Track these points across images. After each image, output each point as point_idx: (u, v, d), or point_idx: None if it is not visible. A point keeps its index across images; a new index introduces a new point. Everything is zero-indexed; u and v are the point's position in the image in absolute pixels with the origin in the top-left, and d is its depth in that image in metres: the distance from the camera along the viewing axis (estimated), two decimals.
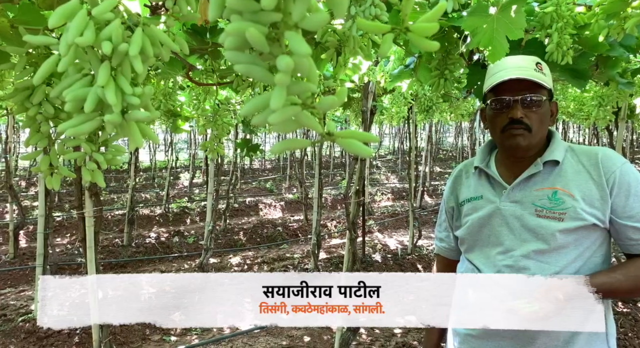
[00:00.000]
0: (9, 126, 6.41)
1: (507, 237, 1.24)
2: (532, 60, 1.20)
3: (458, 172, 1.44)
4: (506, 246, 1.24)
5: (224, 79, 1.77)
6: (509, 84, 1.19)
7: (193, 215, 8.22)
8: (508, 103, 1.20)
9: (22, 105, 0.84)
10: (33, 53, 0.85)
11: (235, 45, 0.42)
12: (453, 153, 18.43)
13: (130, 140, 0.58)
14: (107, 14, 0.52)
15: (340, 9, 0.39)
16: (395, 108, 3.65)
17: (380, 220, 8.18)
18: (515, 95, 1.20)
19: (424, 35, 0.43)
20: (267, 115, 0.42)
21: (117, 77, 0.54)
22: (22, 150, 14.24)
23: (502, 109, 1.22)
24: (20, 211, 5.50)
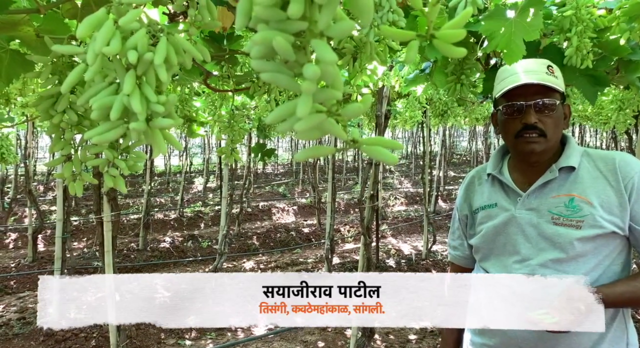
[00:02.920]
0: (28, 132, 6.53)
1: (523, 246, 1.22)
2: (543, 64, 1.18)
3: (470, 179, 1.42)
4: (523, 255, 1.22)
5: (240, 85, 1.79)
6: (521, 89, 1.17)
7: (207, 219, 8.28)
8: (521, 108, 1.18)
9: (46, 113, 0.86)
10: (57, 62, 0.86)
11: (261, 54, 0.43)
12: (467, 157, 18.28)
13: (154, 147, 0.58)
14: (132, 24, 0.53)
15: (366, 17, 0.40)
16: (409, 112, 3.64)
17: (393, 225, 8.14)
18: (528, 100, 1.17)
19: (450, 41, 0.43)
20: (293, 123, 0.43)
21: (142, 85, 0.55)
22: (40, 156, 14.52)
23: (514, 114, 1.19)
24: (38, 215, 5.60)
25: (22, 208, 8.10)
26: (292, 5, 0.39)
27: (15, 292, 4.73)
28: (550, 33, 1.26)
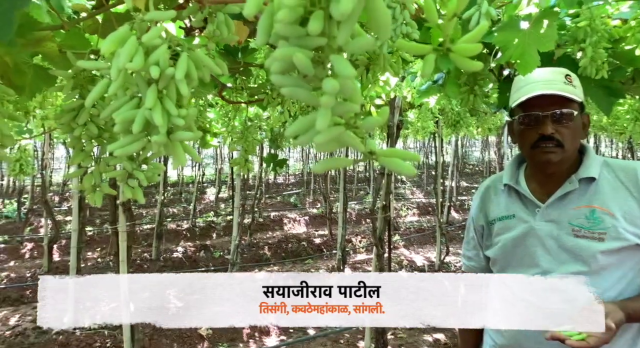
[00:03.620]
0: (45, 143, 6.66)
1: (543, 258, 1.20)
2: (561, 73, 1.17)
3: (485, 188, 1.40)
4: (543, 267, 1.20)
5: (254, 97, 1.81)
6: (538, 99, 1.15)
7: (219, 229, 8.32)
8: (537, 118, 1.17)
9: (68, 126, 0.88)
10: (78, 76, 0.89)
11: (281, 69, 0.44)
12: (479, 167, 18.14)
13: (174, 159, 0.59)
14: (155, 40, 0.54)
15: (384, 32, 0.40)
16: (421, 122, 3.64)
17: (406, 236, 8.08)
18: (545, 110, 1.16)
19: (467, 55, 0.43)
20: (312, 136, 0.43)
21: (163, 99, 0.57)
22: (55, 166, 14.76)
23: (531, 124, 1.18)
24: (54, 225, 5.68)
25: (38, 219, 8.23)
26: (312, 22, 0.40)
27: (30, 301, 4.79)
28: (564, 44, 1.25)
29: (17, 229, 7.82)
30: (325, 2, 0.41)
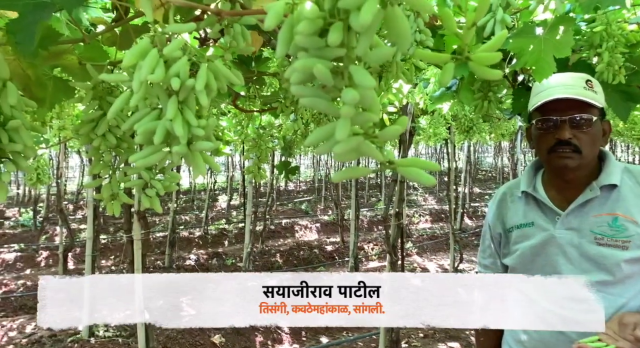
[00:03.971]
0: (60, 152, 6.76)
1: (565, 267, 1.18)
2: (582, 78, 1.15)
3: (502, 195, 1.37)
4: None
5: (267, 105, 1.82)
6: (556, 103, 1.14)
7: (230, 237, 8.35)
8: (555, 123, 1.15)
9: (87, 136, 0.89)
10: (97, 87, 0.90)
11: (301, 80, 0.44)
12: (492, 173, 17.97)
13: (194, 169, 0.60)
14: (175, 52, 0.55)
15: (404, 43, 0.41)
16: (433, 129, 3.63)
17: (418, 243, 8.03)
18: (563, 115, 1.14)
19: (486, 64, 0.43)
20: (331, 145, 0.44)
21: (183, 110, 0.58)
22: (70, 175, 14.97)
23: (549, 129, 1.16)
24: (69, 234, 5.75)
25: (53, 227, 8.33)
26: (331, 34, 0.40)
27: None
28: (580, 49, 1.25)
29: (32, 237, 7.93)
30: (345, 14, 0.42)
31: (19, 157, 0.70)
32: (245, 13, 0.63)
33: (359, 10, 0.39)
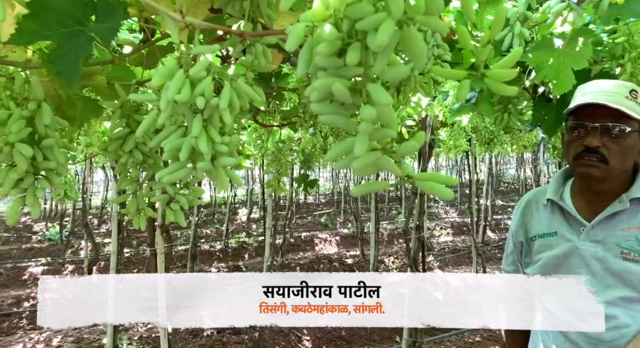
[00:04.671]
0: (85, 168, 6.94)
1: (587, 281, 1.14)
2: (627, 87, 1.09)
3: (527, 202, 1.33)
4: None
5: (286, 120, 1.85)
6: (592, 109, 1.08)
7: (250, 250, 8.38)
8: (586, 129, 1.10)
9: (115, 153, 0.93)
10: (125, 106, 0.94)
11: (320, 98, 0.46)
12: (515, 185, 17.65)
13: (217, 183, 0.62)
14: (200, 73, 0.58)
15: (420, 61, 0.42)
16: (453, 141, 3.61)
17: (440, 256, 7.91)
18: (595, 121, 1.09)
19: (501, 80, 0.44)
20: (350, 160, 0.45)
21: (207, 127, 0.60)
22: (94, 190, 15.31)
23: (579, 135, 1.11)
24: (94, 248, 5.87)
25: (78, 241, 8.52)
26: (349, 54, 0.42)
27: None
28: (601, 60, 1.23)
29: (59, 251, 8.12)
30: (362, 35, 0.43)
31: (52, 174, 0.74)
32: (266, 33, 0.66)
33: (376, 31, 0.40)
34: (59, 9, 0.66)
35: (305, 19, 0.45)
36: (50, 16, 0.66)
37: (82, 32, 0.68)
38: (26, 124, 0.71)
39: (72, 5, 0.67)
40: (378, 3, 0.43)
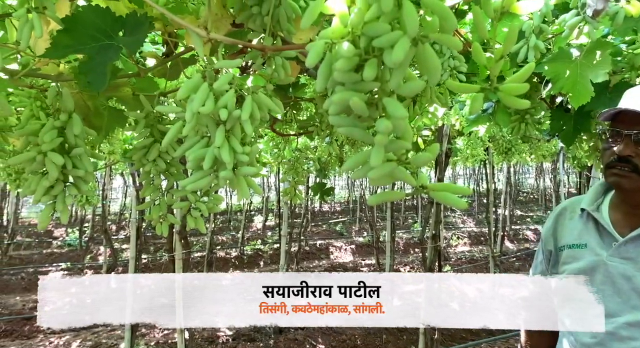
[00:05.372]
0: (105, 175, 7.08)
1: (611, 299, 1.07)
2: None
3: (561, 210, 1.26)
4: (609, 309, 1.07)
5: (302, 129, 1.88)
6: (626, 115, 1.03)
7: (266, 257, 8.41)
8: (620, 136, 1.04)
9: (139, 162, 0.96)
10: (149, 116, 0.97)
11: (338, 111, 0.48)
12: (534, 195, 17.38)
13: (238, 192, 0.65)
14: (224, 86, 0.61)
15: (434, 76, 0.44)
16: (470, 150, 3.59)
17: (457, 266, 7.82)
18: (630, 128, 1.02)
19: (514, 94, 0.46)
20: (366, 171, 0.47)
21: (229, 138, 0.62)
22: (113, 196, 15.57)
23: (614, 142, 1.05)
24: (112, 253, 5.98)
25: (97, 247, 8.67)
26: (367, 70, 0.44)
27: (90, 327, 5.00)
28: (621, 70, 1.23)
29: (78, 257, 8.27)
30: (378, 51, 0.45)
31: (81, 182, 0.77)
32: (287, 48, 0.68)
33: (392, 48, 0.42)
34: (91, 24, 0.70)
35: (324, 36, 0.47)
36: (82, 31, 0.70)
37: (110, 45, 0.72)
38: (57, 134, 0.75)
39: (102, 20, 0.70)
40: (393, 21, 0.45)
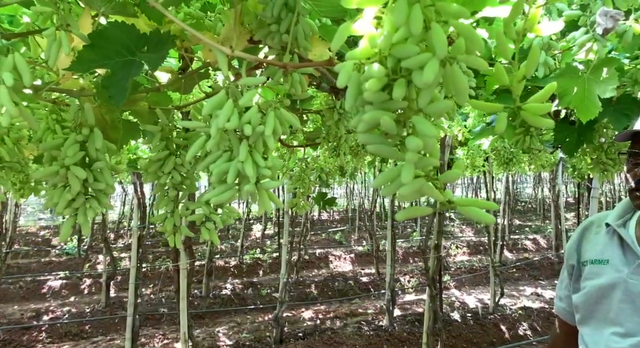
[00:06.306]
0: None
1: (629, 318, 1.04)
2: None
3: (588, 224, 1.24)
4: (627, 328, 1.03)
5: (311, 140, 1.90)
6: None
7: (265, 266, 8.38)
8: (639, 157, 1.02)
9: (154, 174, 0.97)
10: (164, 129, 0.99)
11: (367, 129, 0.49)
12: (532, 205, 17.41)
13: (260, 205, 0.66)
14: (249, 102, 0.62)
15: (462, 98, 0.45)
16: (470, 160, 3.62)
17: (456, 276, 7.81)
18: None
19: (537, 114, 0.47)
20: (397, 187, 0.48)
21: (252, 152, 0.64)
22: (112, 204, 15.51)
23: (636, 162, 1.02)
24: (112, 262, 5.95)
25: (96, 255, 8.62)
26: (396, 90, 0.46)
27: (89, 336, 4.97)
28: (623, 85, 1.25)
29: (76, 265, 8.22)
30: (406, 71, 0.47)
31: (101, 195, 0.78)
32: (309, 65, 0.70)
33: (421, 69, 0.44)
34: (116, 40, 0.71)
35: (352, 56, 0.49)
36: (107, 46, 0.71)
37: (133, 61, 0.74)
38: (79, 148, 0.76)
39: (127, 36, 0.72)
40: (420, 42, 0.47)
